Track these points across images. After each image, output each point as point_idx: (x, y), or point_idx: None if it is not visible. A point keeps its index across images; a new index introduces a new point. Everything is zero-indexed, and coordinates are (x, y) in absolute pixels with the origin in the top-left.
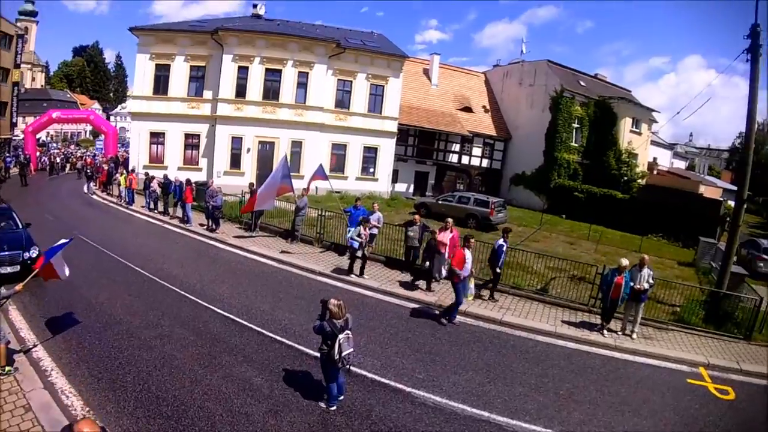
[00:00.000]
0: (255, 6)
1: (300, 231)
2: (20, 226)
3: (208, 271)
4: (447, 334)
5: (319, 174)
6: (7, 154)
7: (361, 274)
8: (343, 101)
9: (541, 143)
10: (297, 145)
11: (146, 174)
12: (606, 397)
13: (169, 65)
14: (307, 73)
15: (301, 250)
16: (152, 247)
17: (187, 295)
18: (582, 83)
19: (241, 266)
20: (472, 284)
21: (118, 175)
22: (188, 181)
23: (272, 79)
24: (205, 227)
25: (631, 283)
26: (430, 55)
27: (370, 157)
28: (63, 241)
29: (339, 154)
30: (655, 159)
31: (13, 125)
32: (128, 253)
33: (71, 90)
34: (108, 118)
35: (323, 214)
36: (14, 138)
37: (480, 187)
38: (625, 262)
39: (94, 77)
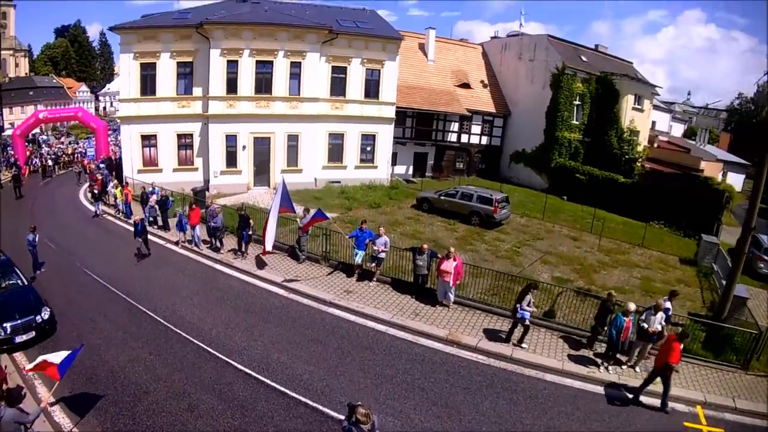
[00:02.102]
0: None
1: (306, 250)
2: (25, 282)
3: (220, 311)
4: (461, 380)
5: (319, 216)
6: None
7: (521, 342)
8: (338, 88)
9: (541, 120)
10: (293, 139)
11: (143, 188)
12: None
13: (154, 63)
14: (300, 62)
15: (307, 271)
16: (160, 281)
17: (204, 347)
18: (583, 58)
19: (251, 300)
20: None
21: (111, 187)
22: (191, 204)
23: (264, 72)
24: (209, 246)
25: (644, 325)
26: (425, 29)
27: (368, 144)
28: (75, 349)
29: (336, 144)
30: (654, 124)
31: (1, 129)
32: (137, 291)
33: (57, 73)
34: (97, 98)
35: (328, 233)
36: (3, 136)
37: (480, 164)
38: (632, 307)
39: (79, 58)
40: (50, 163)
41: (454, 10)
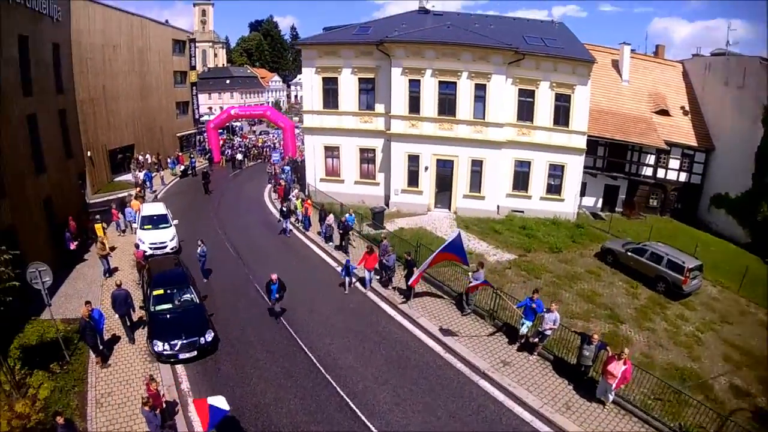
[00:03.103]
0: None
1: (473, 303)
2: (197, 300)
3: (373, 360)
4: None
5: (485, 283)
6: (191, 157)
7: None
8: (525, 113)
9: (749, 161)
10: (477, 164)
11: (322, 206)
12: None
13: (336, 78)
14: (485, 84)
15: (469, 327)
16: (322, 313)
17: (348, 401)
18: None
19: (406, 354)
20: None
21: (293, 196)
22: (371, 249)
23: (447, 93)
24: (379, 278)
25: None
26: (620, 44)
27: (556, 175)
28: (223, 410)
29: (522, 171)
30: None
31: (196, 121)
32: (298, 321)
33: (251, 63)
34: (288, 87)
35: (497, 291)
36: (199, 127)
37: (675, 203)
38: None
39: (272, 50)
40: (239, 156)
41: (648, 6)
